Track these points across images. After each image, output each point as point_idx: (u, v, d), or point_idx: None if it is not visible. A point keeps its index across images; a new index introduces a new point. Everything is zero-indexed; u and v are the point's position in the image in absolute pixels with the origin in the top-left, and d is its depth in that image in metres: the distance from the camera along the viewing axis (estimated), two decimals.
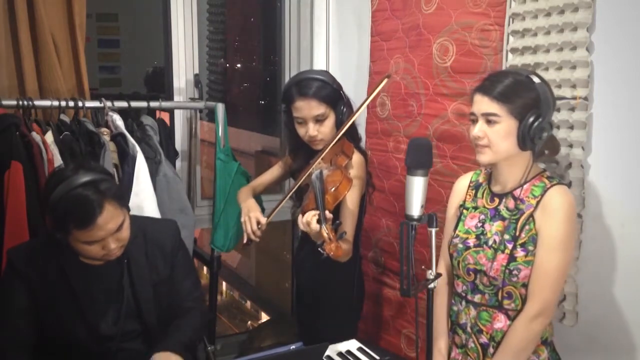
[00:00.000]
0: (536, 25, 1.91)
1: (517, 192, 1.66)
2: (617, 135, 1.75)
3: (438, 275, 1.56)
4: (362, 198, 2.14)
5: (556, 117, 1.85)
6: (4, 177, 2.13)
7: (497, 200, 1.71)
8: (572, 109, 1.82)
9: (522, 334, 1.62)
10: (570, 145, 1.83)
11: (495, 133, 1.60)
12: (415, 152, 1.54)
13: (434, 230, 1.53)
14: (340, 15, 3.00)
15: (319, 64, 3.11)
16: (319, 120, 2.08)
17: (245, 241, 2.11)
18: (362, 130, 2.65)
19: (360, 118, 2.67)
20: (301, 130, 2.12)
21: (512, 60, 2.01)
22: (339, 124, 2.10)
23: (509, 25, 2.03)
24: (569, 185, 1.83)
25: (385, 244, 2.64)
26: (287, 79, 3.10)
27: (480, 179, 1.81)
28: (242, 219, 2.11)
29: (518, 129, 1.58)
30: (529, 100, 1.58)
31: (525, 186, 1.66)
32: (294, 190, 2.09)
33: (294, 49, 3.17)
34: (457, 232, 1.77)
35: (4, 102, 2.22)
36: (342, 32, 2.99)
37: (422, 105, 2.38)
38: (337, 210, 2.00)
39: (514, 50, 2.01)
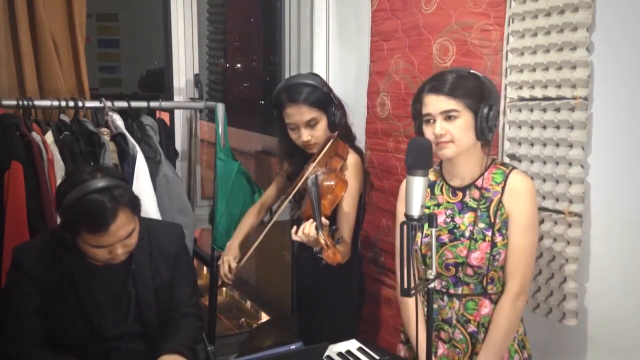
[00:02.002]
0: (536, 25, 1.91)
1: (479, 182, 1.73)
2: (617, 135, 1.74)
3: (438, 275, 1.57)
4: (361, 197, 2.14)
5: (556, 117, 1.85)
6: (4, 177, 2.13)
7: (459, 193, 1.76)
8: (572, 109, 1.82)
9: (509, 314, 1.69)
10: (570, 145, 1.83)
11: (457, 128, 1.66)
12: (415, 152, 1.54)
13: (434, 230, 1.54)
14: (340, 15, 3.00)
15: (319, 64, 3.11)
16: (311, 125, 2.08)
17: (219, 283, 2.23)
18: (362, 130, 2.65)
19: (359, 118, 2.68)
20: (294, 136, 2.13)
21: (512, 60, 2.01)
22: (331, 126, 2.11)
23: (509, 25, 2.03)
24: (570, 182, 1.84)
25: (385, 244, 2.64)
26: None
27: (431, 177, 1.83)
28: (219, 262, 2.24)
29: (475, 120, 1.66)
30: (479, 93, 1.66)
31: (485, 175, 1.73)
32: (278, 212, 2.12)
33: (294, 49, 3.17)
34: (425, 231, 1.77)
35: (4, 102, 2.22)
36: (342, 32, 2.99)
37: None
38: (335, 212, 2.01)
39: (514, 50, 2.01)
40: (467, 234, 1.71)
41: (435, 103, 1.68)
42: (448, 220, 1.76)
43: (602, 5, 1.74)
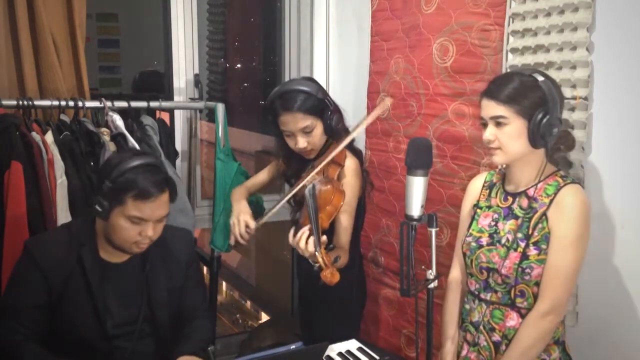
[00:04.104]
0: (536, 25, 1.91)
1: (530, 191, 1.67)
2: (617, 135, 1.75)
3: (438, 275, 1.56)
4: (361, 199, 2.13)
5: None
6: (4, 177, 2.13)
7: (510, 199, 1.72)
8: (572, 109, 1.82)
9: (531, 331, 1.63)
10: None
11: (505, 135, 1.61)
12: (415, 152, 1.54)
13: (434, 230, 1.54)
14: (340, 15, 3.00)
15: (319, 64, 3.11)
16: (307, 131, 2.06)
17: (232, 243, 2.14)
18: (362, 130, 2.65)
19: (359, 118, 2.67)
20: (290, 142, 2.11)
21: (512, 60, 2.01)
22: (327, 131, 2.08)
23: (509, 25, 2.03)
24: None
25: (385, 244, 2.64)
26: (287, 79, 3.09)
27: (494, 179, 1.82)
28: (232, 221, 2.12)
29: (527, 128, 1.59)
30: (534, 99, 1.59)
31: (539, 185, 1.66)
32: (285, 199, 2.09)
33: (294, 49, 3.17)
34: (470, 231, 1.77)
35: (4, 102, 2.22)
36: (342, 32, 2.99)
37: (422, 105, 2.38)
38: (334, 219, 1.99)
39: (514, 50, 2.01)
40: (503, 240, 1.68)
41: (487, 108, 1.64)
42: (492, 224, 1.73)
43: (602, 5, 1.74)
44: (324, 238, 1.70)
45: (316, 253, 1.67)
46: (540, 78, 1.61)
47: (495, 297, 1.70)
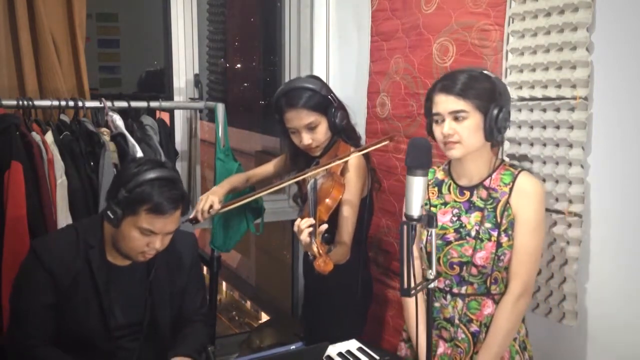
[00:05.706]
0: (536, 25, 1.91)
1: (487, 182, 1.73)
2: (617, 135, 1.74)
3: (438, 275, 1.57)
4: (366, 198, 2.13)
5: (556, 117, 1.85)
6: (4, 177, 2.13)
7: (467, 193, 1.76)
8: (572, 109, 1.82)
9: (509, 314, 1.69)
10: (570, 145, 1.83)
11: (465, 129, 1.66)
12: (415, 152, 1.54)
13: (434, 230, 1.53)
14: (340, 15, 3.00)
15: (319, 64, 3.11)
16: (311, 128, 2.09)
17: (191, 216, 2.17)
18: (362, 130, 2.65)
19: (359, 118, 2.68)
20: (295, 139, 2.14)
21: (512, 60, 2.01)
22: (332, 128, 2.11)
23: (509, 25, 2.03)
24: (569, 181, 1.84)
25: (385, 244, 2.64)
26: (287, 79, 3.10)
27: (439, 176, 1.85)
28: (200, 197, 2.18)
29: (484, 122, 1.65)
30: (489, 94, 1.65)
31: (493, 175, 1.73)
32: (273, 189, 2.12)
33: (294, 49, 3.17)
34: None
35: (4, 102, 2.22)
36: (342, 32, 2.99)
37: (422, 105, 2.38)
38: (335, 214, 2.00)
39: (514, 50, 2.01)
40: (472, 233, 1.71)
41: (444, 103, 1.67)
42: (454, 219, 1.76)
43: (602, 5, 1.74)
44: (322, 227, 1.74)
45: (312, 242, 1.70)
46: (492, 75, 1.68)
47: (471, 289, 1.74)
